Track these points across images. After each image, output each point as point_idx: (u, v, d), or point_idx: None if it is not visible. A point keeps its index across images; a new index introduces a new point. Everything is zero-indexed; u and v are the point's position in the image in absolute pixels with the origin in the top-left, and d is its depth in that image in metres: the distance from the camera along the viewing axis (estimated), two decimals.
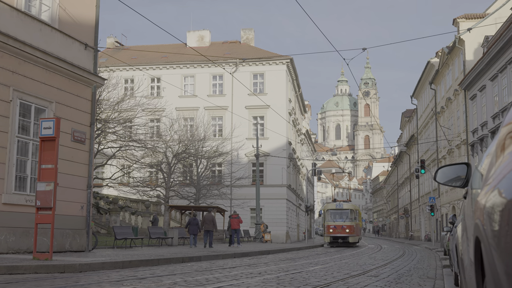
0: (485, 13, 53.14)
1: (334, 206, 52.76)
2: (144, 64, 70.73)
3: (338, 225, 50.63)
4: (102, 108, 41.53)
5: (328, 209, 52.55)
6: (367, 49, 29.36)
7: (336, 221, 51.04)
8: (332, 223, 51.08)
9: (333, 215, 51.91)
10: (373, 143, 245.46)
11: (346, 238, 50.36)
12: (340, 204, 52.72)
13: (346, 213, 51.77)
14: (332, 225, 50.93)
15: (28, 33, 21.29)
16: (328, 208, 52.72)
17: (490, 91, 42.78)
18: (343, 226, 50.49)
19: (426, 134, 75.88)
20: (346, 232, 50.36)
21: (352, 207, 53.23)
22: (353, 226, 50.97)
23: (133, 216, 50.36)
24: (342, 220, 51.07)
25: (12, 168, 20.20)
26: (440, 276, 16.34)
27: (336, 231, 50.59)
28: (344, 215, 51.61)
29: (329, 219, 51.59)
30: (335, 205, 52.83)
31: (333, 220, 51.33)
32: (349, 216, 51.57)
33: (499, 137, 3.12)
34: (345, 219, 51.10)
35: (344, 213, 51.75)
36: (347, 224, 50.71)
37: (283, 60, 68.94)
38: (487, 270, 2.68)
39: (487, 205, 2.65)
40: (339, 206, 52.40)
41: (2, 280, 12.25)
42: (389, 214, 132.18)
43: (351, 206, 53.57)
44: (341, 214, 51.72)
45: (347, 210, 52.14)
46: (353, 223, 51.28)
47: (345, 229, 50.37)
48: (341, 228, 50.43)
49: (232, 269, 17.58)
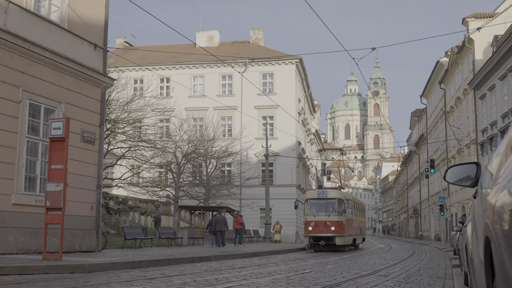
0: (495, 13, 53.05)
1: (315, 195, 38.75)
2: (154, 64, 70.82)
3: (319, 221, 37.09)
4: (111, 109, 41.63)
5: (308, 199, 38.80)
6: (376, 48, 29.29)
7: (317, 215, 37.58)
8: (312, 218, 37.57)
9: (314, 207, 38.27)
10: (382, 143, 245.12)
11: (331, 239, 36.73)
12: (324, 192, 38.61)
13: (332, 204, 37.85)
14: (311, 221, 37.39)
15: (38, 34, 21.34)
16: (308, 198, 38.95)
17: (500, 90, 42.67)
18: (327, 222, 36.87)
19: (435, 133, 75.72)
20: (330, 230, 36.65)
21: (341, 196, 38.55)
22: (341, 223, 37.19)
23: (142, 216, 50.41)
24: (325, 213, 37.62)
25: (21, 168, 20.25)
26: (450, 276, 16.31)
27: (316, 230, 36.99)
28: (330, 206, 37.88)
29: (309, 213, 38.17)
30: (317, 193, 38.79)
31: (314, 213, 37.85)
32: (336, 209, 37.59)
33: (509, 137, 3.11)
34: (330, 213, 37.54)
35: (329, 204, 37.93)
36: (333, 220, 37.00)
37: (292, 60, 68.90)
38: (497, 270, 2.67)
39: (497, 205, 2.64)
40: (322, 195, 38.31)
41: (12, 281, 12.28)
42: (398, 214, 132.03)
43: (340, 194, 38.95)
44: (325, 206, 38.12)
45: (334, 200, 37.96)
46: (342, 218, 37.36)
47: (329, 226, 36.74)
48: (323, 225, 36.87)
49: (242, 269, 17.58)
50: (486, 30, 43.25)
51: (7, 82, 19.71)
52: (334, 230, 36.65)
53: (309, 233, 37.35)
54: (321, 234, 36.76)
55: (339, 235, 36.82)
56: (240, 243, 40.07)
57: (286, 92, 67.30)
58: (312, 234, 37.17)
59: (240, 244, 39.86)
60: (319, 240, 36.92)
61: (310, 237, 37.38)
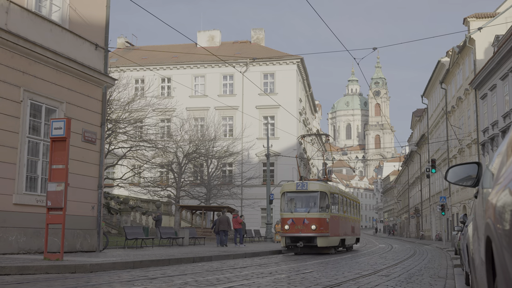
0: (496, 12, 53.01)
1: (293, 187, 32.49)
2: (155, 64, 70.91)
3: (297, 219, 31.13)
4: (112, 108, 41.65)
5: (285, 192, 32.46)
6: (377, 48, 29.31)
7: (295, 212, 31.61)
8: (288, 214, 31.55)
9: (291, 202, 32.33)
10: (383, 143, 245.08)
11: (311, 239, 30.89)
12: (304, 184, 32.26)
13: (313, 199, 31.83)
14: (288, 218, 31.37)
15: (39, 34, 21.35)
16: (285, 191, 32.53)
17: (501, 90, 42.64)
18: (305, 220, 30.91)
19: (436, 133, 75.68)
20: (310, 229, 30.66)
21: (324, 189, 32.07)
22: (324, 220, 31.13)
23: (143, 216, 50.41)
24: (305, 209, 31.62)
25: (22, 168, 20.25)
26: (451, 276, 16.30)
27: (294, 229, 31.02)
28: (310, 201, 31.92)
29: (285, 208, 32.04)
30: (295, 185, 32.54)
31: (291, 209, 31.87)
32: (317, 203, 31.42)
33: (510, 136, 3.11)
34: (310, 208, 31.53)
35: (310, 199, 31.98)
36: (313, 217, 30.95)
37: (293, 60, 69.00)
38: (498, 270, 2.67)
39: (498, 204, 2.64)
40: (302, 187, 32.12)
41: (13, 281, 12.29)
42: (399, 214, 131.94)
43: (323, 187, 32.30)
44: (305, 200, 32.20)
45: (315, 194, 31.78)
46: (325, 215, 31.31)
47: (308, 225, 30.74)
48: (302, 223, 30.92)
49: (243, 269, 17.58)
50: (487, 30, 43.23)
51: (8, 82, 19.71)
52: (315, 229, 30.49)
53: (286, 232, 31.22)
54: (299, 233, 30.80)
55: (321, 235, 30.73)
56: (241, 243, 40.10)
57: (287, 92, 67.34)
58: (288, 234, 31.12)
59: (241, 244, 39.88)
60: (297, 241, 30.99)
61: (287, 237, 31.36)
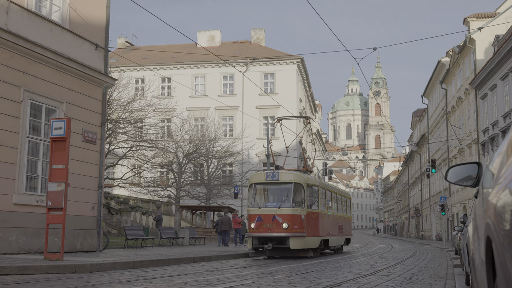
0: (496, 12, 53.00)
1: (262, 178, 26.84)
2: (155, 64, 70.92)
3: (266, 216, 25.51)
4: (113, 108, 41.66)
5: (253, 184, 26.88)
6: (377, 48, 29.30)
7: (264, 207, 26.11)
8: (256, 210, 25.92)
9: (259, 195, 26.99)
10: (383, 143, 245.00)
11: (283, 240, 25.40)
12: (274, 174, 26.41)
13: (285, 191, 26.29)
14: (255, 214, 25.76)
15: (39, 34, 21.34)
16: (253, 182, 26.93)
17: (501, 90, 42.62)
18: (275, 217, 25.30)
19: (437, 133, 75.67)
20: (281, 229, 25.13)
21: (299, 180, 26.40)
22: (298, 218, 25.54)
23: (144, 216, 50.40)
24: (275, 204, 26.08)
25: (23, 168, 20.25)
26: (451, 276, 16.30)
27: (262, 228, 25.43)
28: (282, 194, 26.41)
29: (253, 203, 26.45)
30: (265, 176, 26.76)
31: (259, 204, 26.32)
32: (291, 197, 25.79)
33: (510, 136, 3.11)
34: (282, 203, 25.92)
35: (282, 191, 26.47)
36: (285, 213, 25.40)
37: (293, 60, 69.01)
38: (498, 270, 2.67)
39: (498, 204, 2.64)
40: (272, 178, 26.40)
41: (13, 281, 12.29)
42: (400, 214, 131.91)
43: (298, 177, 26.59)
44: (276, 194, 26.86)
45: (288, 186, 26.15)
46: (300, 211, 25.69)
47: (279, 223, 25.21)
48: (271, 220, 25.34)
49: (243, 269, 17.58)
50: (487, 30, 43.21)
51: (8, 82, 19.71)
52: (287, 227, 25.08)
53: (253, 232, 25.69)
54: (268, 233, 25.36)
55: (294, 235, 25.28)
56: (241, 243, 40.11)
57: (287, 92, 67.33)
58: (255, 234, 25.61)
59: (241, 244, 39.89)
60: (265, 243, 25.52)
61: (254, 238, 25.88)
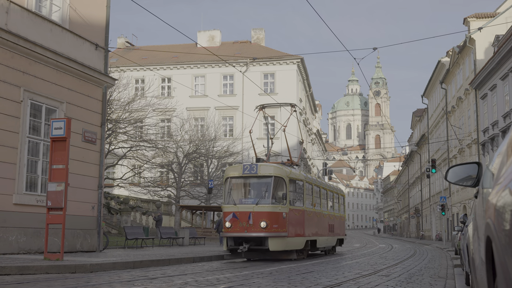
0: (496, 12, 53.00)
1: (239, 171, 24.09)
2: (155, 64, 70.89)
3: (241, 213, 22.86)
4: (113, 108, 41.66)
5: (229, 178, 24.30)
6: (377, 48, 29.31)
7: (240, 204, 23.33)
8: (231, 207, 23.26)
9: (235, 191, 24.29)
10: (383, 143, 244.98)
11: (261, 241, 22.91)
12: (253, 167, 23.73)
13: (264, 186, 23.67)
14: (230, 212, 23.07)
15: (39, 34, 21.35)
16: (229, 176, 24.36)
17: (501, 90, 42.61)
18: (252, 215, 22.63)
19: (437, 133, 75.66)
20: (259, 228, 22.53)
21: (280, 173, 23.76)
22: (278, 216, 22.98)
23: (144, 216, 50.40)
24: (253, 200, 23.33)
25: (23, 168, 20.25)
26: (451, 276, 16.30)
27: (237, 227, 22.90)
28: (261, 189, 23.81)
29: (228, 199, 23.90)
30: (242, 169, 24.07)
31: (235, 200, 23.60)
32: (270, 193, 23.17)
33: (510, 136, 3.11)
34: (260, 199, 23.20)
35: (260, 186, 23.88)
36: (263, 210, 22.79)
37: (293, 60, 68.98)
38: (498, 270, 2.67)
39: (498, 204, 2.64)
40: (250, 171, 23.72)
41: (13, 281, 12.29)
42: (400, 214, 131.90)
43: (279, 170, 23.90)
44: (254, 189, 24.29)
45: (268, 180, 23.49)
46: (281, 208, 23.10)
47: (257, 221, 22.61)
48: (247, 219, 22.66)
49: (243, 269, 17.58)
50: (487, 30, 43.20)
51: (8, 82, 19.72)
52: (265, 226, 22.52)
53: (228, 231, 23.18)
54: (244, 233, 22.86)
55: (274, 235, 22.83)
56: None
57: (287, 92, 67.26)
58: (231, 234, 23.15)
59: None
60: (240, 243, 23.03)
61: (229, 238, 23.43)
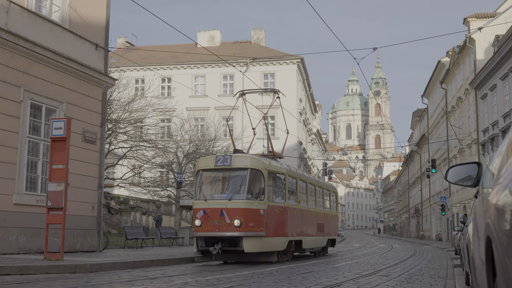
0: (496, 12, 52.99)
1: (211, 163, 21.43)
2: (155, 64, 70.90)
3: (213, 210, 20.28)
4: (112, 108, 41.62)
5: (200, 170, 21.65)
6: (377, 48, 29.31)
7: (211, 199, 20.75)
8: (201, 204, 20.69)
9: (206, 185, 21.64)
10: (383, 143, 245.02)
11: (235, 241, 20.24)
12: (226, 159, 21.17)
13: (239, 180, 21.02)
14: (200, 209, 20.51)
15: (39, 34, 21.34)
16: (200, 168, 21.72)
17: (501, 90, 42.61)
18: (224, 212, 20.07)
19: (437, 133, 75.66)
20: (232, 227, 19.92)
21: (258, 165, 21.11)
22: (255, 213, 20.37)
23: (144, 216, 50.40)
24: (225, 195, 20.78)
25: (23, 168, 20.25)
26: (451, 276, 16.29)
27: (208, 225, 20.24)
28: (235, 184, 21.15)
29: (198, 194, 21.19)
30: (214, 160, 21.40)
31: (205, 196, 20.90)
32: (245, 187, 20.55)
33: (510, 136, 3.11)
34: (233, 194, 20.53)
35: (235, 180, 21.23)
36: (237, 207, 20.22)
37: (293, 60, 68.99)
38: (498, 270, 2.67)
39: (498, 204, 2.64)
40: (223, 163, 21.11)
41: (13, 281, 12.28)
42: (400, 214, 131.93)
43: (256, 162, 21.24)
44: (228, 182, 21.60)
45: (243, 173, 20.89)
46: (258, 205, 20.48)
47: (230, 218, 20.00)
48: (219, 216, 20.12)
49: (243, 269, 17.56)
50: (487, 30, 43.20)
51: (8, 82, 19.72)
52: (239, 225, 19.91)
53: (197, 230, 20.51)
54: (215, 232, 20.15)
55: (250, 235, 20.20)
56: None
57: (287, 92, 67.02)
58: (200, 233, 20.46)
59: None
60: (213, 244, 20.10)
61: (199, 238, 20.68)
